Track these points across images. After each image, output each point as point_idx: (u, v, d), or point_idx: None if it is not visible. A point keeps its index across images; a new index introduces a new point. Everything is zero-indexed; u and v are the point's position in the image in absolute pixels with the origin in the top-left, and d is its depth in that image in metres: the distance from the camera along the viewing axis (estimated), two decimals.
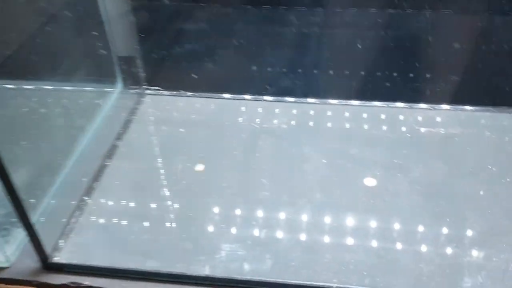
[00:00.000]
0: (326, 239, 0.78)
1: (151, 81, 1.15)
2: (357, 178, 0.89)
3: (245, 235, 0.79)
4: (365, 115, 1.03)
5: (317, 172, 0.90)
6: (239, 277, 0.73)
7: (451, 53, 1.01)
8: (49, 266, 0.75)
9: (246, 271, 0.73)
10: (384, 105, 1.06)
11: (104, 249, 0.77)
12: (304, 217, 0.82)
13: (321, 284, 0.71)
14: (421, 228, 0.79)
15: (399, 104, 1.05)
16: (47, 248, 0.75)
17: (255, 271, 0.73)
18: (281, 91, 1.10)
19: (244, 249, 0.77)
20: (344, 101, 1.07)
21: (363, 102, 1.07)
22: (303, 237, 0.78)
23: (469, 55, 1.01)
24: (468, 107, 1.04)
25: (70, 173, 0.91)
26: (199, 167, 0.92)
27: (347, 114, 1.04)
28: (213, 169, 0.92)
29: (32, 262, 0.76)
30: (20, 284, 0.74)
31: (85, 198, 0.86)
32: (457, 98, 1.04)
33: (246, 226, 0.81)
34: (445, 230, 0.78)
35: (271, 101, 1.09)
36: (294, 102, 1.09)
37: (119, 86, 1.14)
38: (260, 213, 0.83)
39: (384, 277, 0.72)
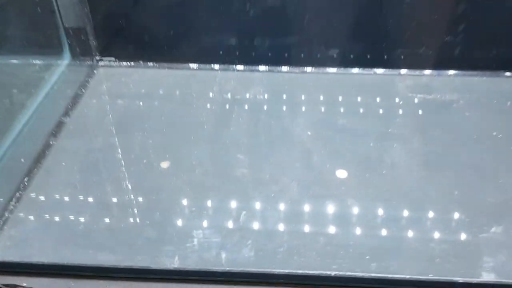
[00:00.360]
0: (318, 220, 0.66)
1: (104, 52, 1.00)
2: (347, 150, 0.77)
3: (221, 220, 0.66)
4: (348, 83, 0.92)
5: (302, 145, 0.78)
6: (215, 268, 0.59)
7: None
8: None
9: (224, 261, 0.60)
10: (369, 72, 0.94)
11: (46, 244, 0.62)
12: (290, 196, 0.69)
13: (318, 272, 0.58)
14: (427, 203, 0.67)
15: (386, 71, 0.94)
16: None
17: (235, 260, 0.60)
18: (251, 60, 0.97)
19: (220, 236, 0.63)
20: (323, 68, 0.95)
21: (344, 69, 0.95)
22: (290, 219, 0.66)
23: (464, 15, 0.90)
24: (462, 72, 0.93)
25: (6, 155, 0.75)
26: (162, 144, 0.78)
27: (327, 82, 0.92)
28: (179, 146, 0.78)
29: None
30: None
31: (24, 183, 0.71)
32: (450, 63, 0.94)
33: (222, 209, 0.67)
34: (454, 204, 0.67)
35: (242, 70, 0.96)
36: (268, 71, 0.96)
37: (66, 58, 0.99)
38: (238, 194, 0.69)
39: (391, 261, 0.60)
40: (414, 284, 0.58)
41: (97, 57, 0.99)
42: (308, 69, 0.94)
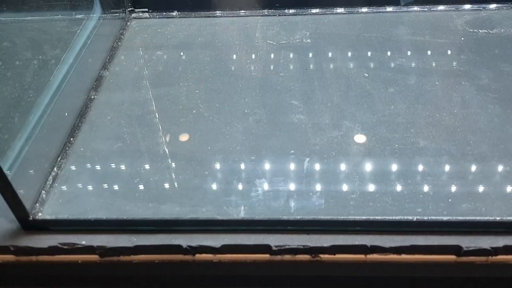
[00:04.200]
0: (390, 164, 0.61)
1: (136, 4, 0.94)
2: (411, 90, 0.71)
3: (284, 168, 0.61)
4: (405, 21, 0.85)
5: (361, 88, 0.72)
6: (285, 217, 0.55)
7: None
8: (30, 225, 0.56)
9: (294, 209, 0.56)
10: (424, 9, 0.87)
11: (101, 199, 0.59)
12: (355, 140, 0.64)
13: (398, 217, 0.54)
14: (507, 143, 0.62)
15: (441, 7, 0.87)
16: (26, 203, 0.56)
17: (305, 209, 0.56)
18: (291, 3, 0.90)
19: (286, 184, 0.59)
20: (378, 7, 0.88)
21: (395, 7, 0.88)
22: (358, 164, 0.61)
23: None
24: None
25: (47, 111, 0.71)
26: (210, 94, 0.73)
27: (380, 21, 0.85)
28: (228, 95, 0.73)
29: (6, 221, 0.57)
30: None
31: (71, 138, 0.67)
32: None
33: (283, 157, 0.62)
34: None
35: (284, 15, 0.90)
36: (311, 14, 0.89)
37: (97, 11, 0.93)
38: (298, 141, 0.64)
39: (478, 203, 0.55)
40: (505, 226, 0.53)
41: (129, 9, 0.94)
42: (364, 9, 0.87)
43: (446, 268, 0.53)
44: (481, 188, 0.57)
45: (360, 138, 0.64)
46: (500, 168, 0.59)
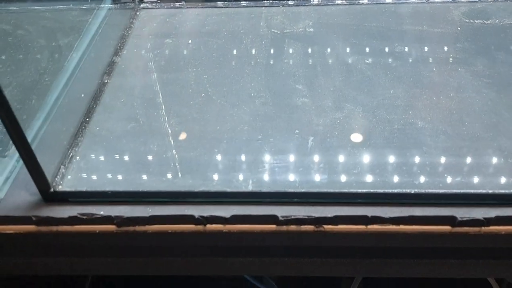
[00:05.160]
0: (389, 144, 0.64)
1: None
2: (410, 76, 0.74)
3: (289, 147, 0.65)
4: (403, 12, 0.88)
5: (362, 73, 0.76)
6: (290, 189, 0.59)
7: None
8: (51, 197, 0.60)
9: (298, 183, 0.59)
10: (422, 1, 0.91)
11: (118, 172, 0.62)
12: (357, 122, 0.67)
13: (397, 190, 0.57)
14: (500, 124, 0.66)
15: None
16: (47, 176, 0.59)
17: (309, 182, 0.59)
18: None
19: (291, 161, 0.62)
20: None
21: None
22: (360, 144, 0.64)
23: None
24: None
25: (64, 93, 0.74)
26: (218, 78, 0.77)
27: (380, 12, 0.89)
28: (235, 79, 0.76)
29: (28, 194, 0.61)
30: (16, 223, 0.59)
31: (86, 119, 0.70)
32: None
33: (288, 137, 0.66)
34: None
35: (288, 6, 0.93)
36: (314, 4, 0.93)
37: (107, 1, 0.97)
38: (302, 122, 0.68)
39: (471, 178, 0.59)
40: (497, 198, 0.57)
41: (138, 0, 0.97)
42: (364, 0, 0.91)
43: (441, 238, 0.57)
44: (475, 164, 0.60)
45: (361, 119, 0.68)
46: (493, 146, 0.62)
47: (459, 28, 0.83)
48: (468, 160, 0.61)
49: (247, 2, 0.95)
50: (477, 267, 0.61)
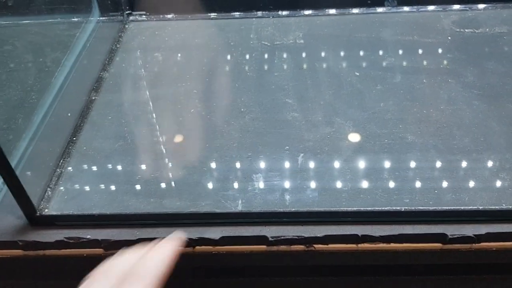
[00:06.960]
0: (379, 159, 0.64)
1: (134, 7, 0.97)
2: (400, 88, 0.74)
3: (279, 163, 0.64)
4: (392, 21, 0.88)
5: (352, 86, 0.75)
6: (280, 209, 0.58)
7: None
8: (37, 221, 0.59)
9: (289, 202, 0.59)
10: (413, 10, 0.90)
11: (105, 195, 0.61)
12: (347, 137, 0.67)
13: (387, 208, 0.57)
14: (490, 137, 0.65)
15: (429, 8, 0.90)
16: (33, 199, 0.58)
17: (299, 201, 0.59)
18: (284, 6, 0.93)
19: (281, 178, 0.62)
20: (365, 9, 0.91)
21: (385, 8, 0.91)
22: (350, 159, 0.64)
23: None
24: (508, 4, 0.89)
25: (50, 111, 0.74)
26: (207, 93, 0.76)
27: (370, 22, 0.88)
28: (225, 94, 0.76)
29: (14, 217, 0.60)
30: (2, 247, 0.58)
31: (73, 138, 0.70)
32: None
33: (279, 153, 0.65)
34: None
35: (278, 17, 0.93)
36: (303, 15, 0.92)
37: (96, 14, 0.96)
38: (292, 137, 0.67)
39: (462, 194, 0.58)
40: (487, 215, 0.56)
41: (127, 12, 0.97)
42: (355, 10, 0.90)
43: (432, 255, 0.57)
44: (465, 180, 0.60)
45: (351, 134, 0.67)
46: (483, 161, 0.62)
47: (449, 38, 0.83)
48: (458, 175, 0.60)
49: (237, 13, 0.95)
50: (468, 283, 0.60)
